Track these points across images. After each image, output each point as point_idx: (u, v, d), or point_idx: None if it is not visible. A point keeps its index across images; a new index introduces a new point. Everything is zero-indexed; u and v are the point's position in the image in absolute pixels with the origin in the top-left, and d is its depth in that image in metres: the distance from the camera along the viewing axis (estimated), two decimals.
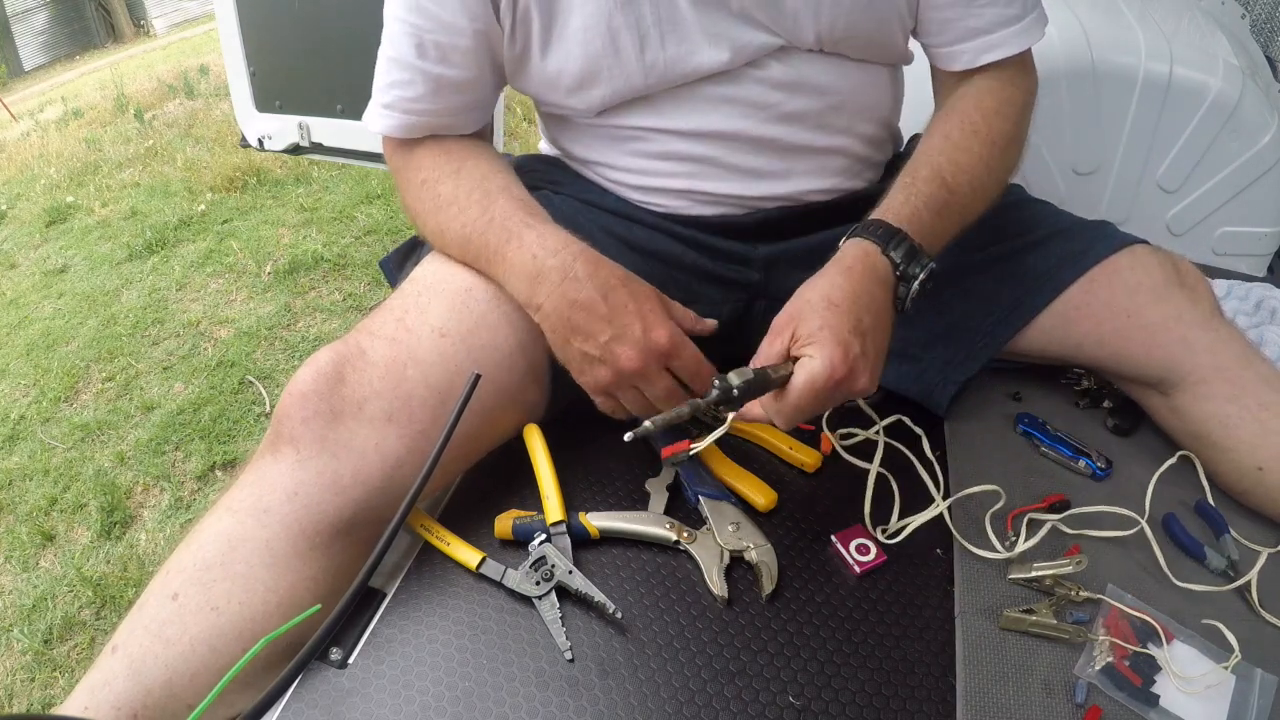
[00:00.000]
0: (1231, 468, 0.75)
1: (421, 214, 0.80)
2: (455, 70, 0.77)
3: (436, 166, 0.80)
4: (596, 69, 0.76)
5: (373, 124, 0.82)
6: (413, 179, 0.81)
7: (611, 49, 0.74)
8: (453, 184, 0.77)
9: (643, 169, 0.84)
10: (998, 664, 0.61)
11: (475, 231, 0.73)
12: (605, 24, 0.73)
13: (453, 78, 0.77)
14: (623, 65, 0.75)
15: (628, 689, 0.61)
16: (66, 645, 1.65)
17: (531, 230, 0.71)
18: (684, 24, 0.74)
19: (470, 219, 0.74)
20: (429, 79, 0.77)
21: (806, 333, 0.62)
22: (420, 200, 0.79)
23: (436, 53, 0.76)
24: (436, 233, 0.78)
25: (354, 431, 0.66)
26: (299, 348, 2.51)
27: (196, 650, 0.60)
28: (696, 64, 0.75)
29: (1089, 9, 1.36)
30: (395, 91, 0.78)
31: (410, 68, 0.77)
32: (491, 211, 0.73)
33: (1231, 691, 0.61)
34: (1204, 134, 1.27)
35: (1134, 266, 0.80)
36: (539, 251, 0.69)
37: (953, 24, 0.79)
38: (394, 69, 0.78)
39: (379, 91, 0.80)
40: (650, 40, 0.74)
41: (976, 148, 0.76)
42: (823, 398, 0.62)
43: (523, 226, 0.71)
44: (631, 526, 0.71)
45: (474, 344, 0.72)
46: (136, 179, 4.20)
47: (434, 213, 0.77)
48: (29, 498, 2.08)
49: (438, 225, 0.77)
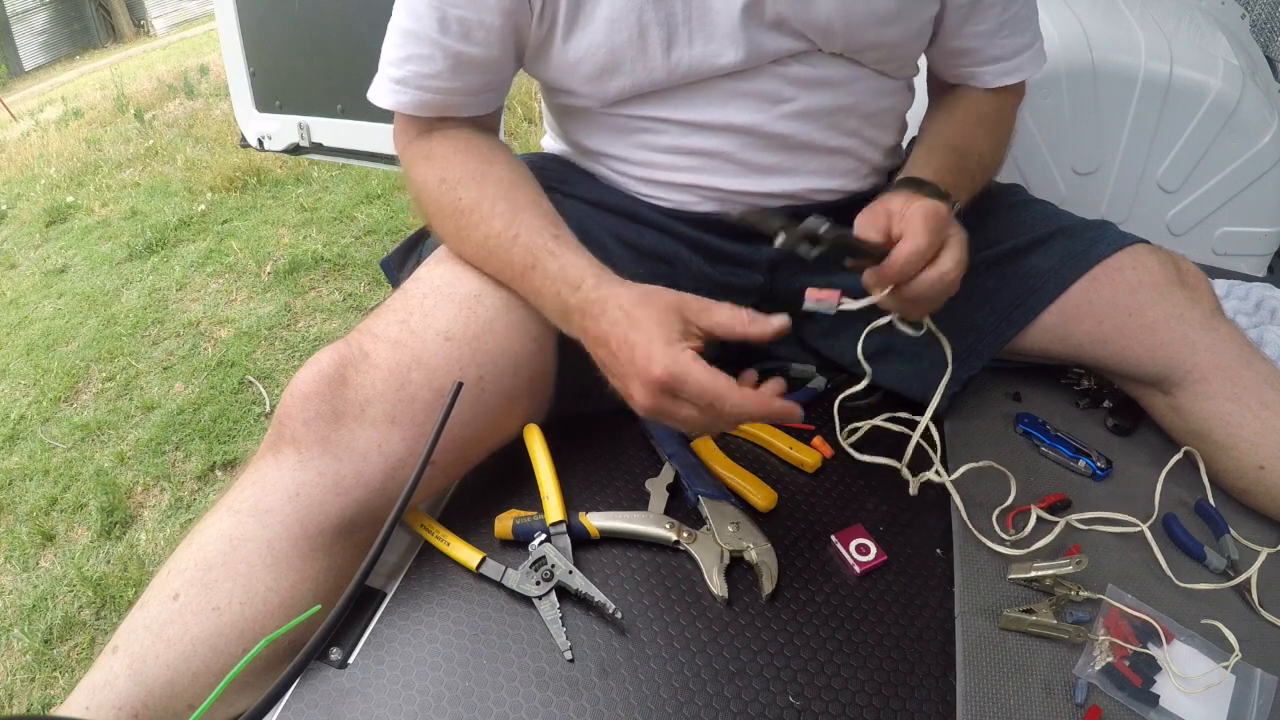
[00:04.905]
0: (1232, 466, 0.75)
1: (438, 215, 0.77)
2: (478, 49, 0.74)
3: (458, 166, 0.77)
4: (619, 61, 0.75)
5: (382, 99, 0.78)
6: (428, 175, 0.78)
7: (638, 43, 0.74)
8: (476, 190, 0.75)
9: (649, 161, 0.83)
10: (998, 664, 0.61)
11: (499, 246, 0.71)
12: (635, 17, 0.72)
13: (475, 56, 0.75)
14: (647, 60, 0.75)
15: (628, 689, 0.61)
16: (66, 645, 1.65)
17: (555, 260, 0.69)
18: (715, 25, 0.74)
19: (494, 231, 0.72)
20: (449, 55, 0.74)
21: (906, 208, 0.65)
22: (438, 201, 0.77)
23: (460, 29, 0.73)
24: (454, 236, 0.77)
25: (356, 433, 0.66)
26: (299, 348, 2.51)
27: (198, 650, 0.60)
28: (722, 64, 0.75)
29: (1089, 9, 1.36)
30: (411, 66, 0.75)
31: (431, 42, 0.74)
32: (517, 228, 0.71)
33: (1231, 691, 0.61)
34: (1204, 134, 1.27)
35: (1135, 266, 0.81)
36: (562, 287, 0.67)
37: (976, 52, 0.85)
38: (411, 42, 0.74)
39: (391, 65, 0.77)
40: (679, 38, 0.74)
41: (981, 134, 0.84)
42: (961, 266, 0.65)
43: (546, 254, 0.69)
44: (631, 526, 0.71)
45: (479, 349, 0.72)
46: (136, 179, 4.20)
47: (453, 216, 0.75)
48: (29, 498, 2.08)
49: (456, 230, 0.75)
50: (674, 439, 0.78)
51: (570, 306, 0.67)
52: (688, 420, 0.61)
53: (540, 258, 0.69)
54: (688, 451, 0.78)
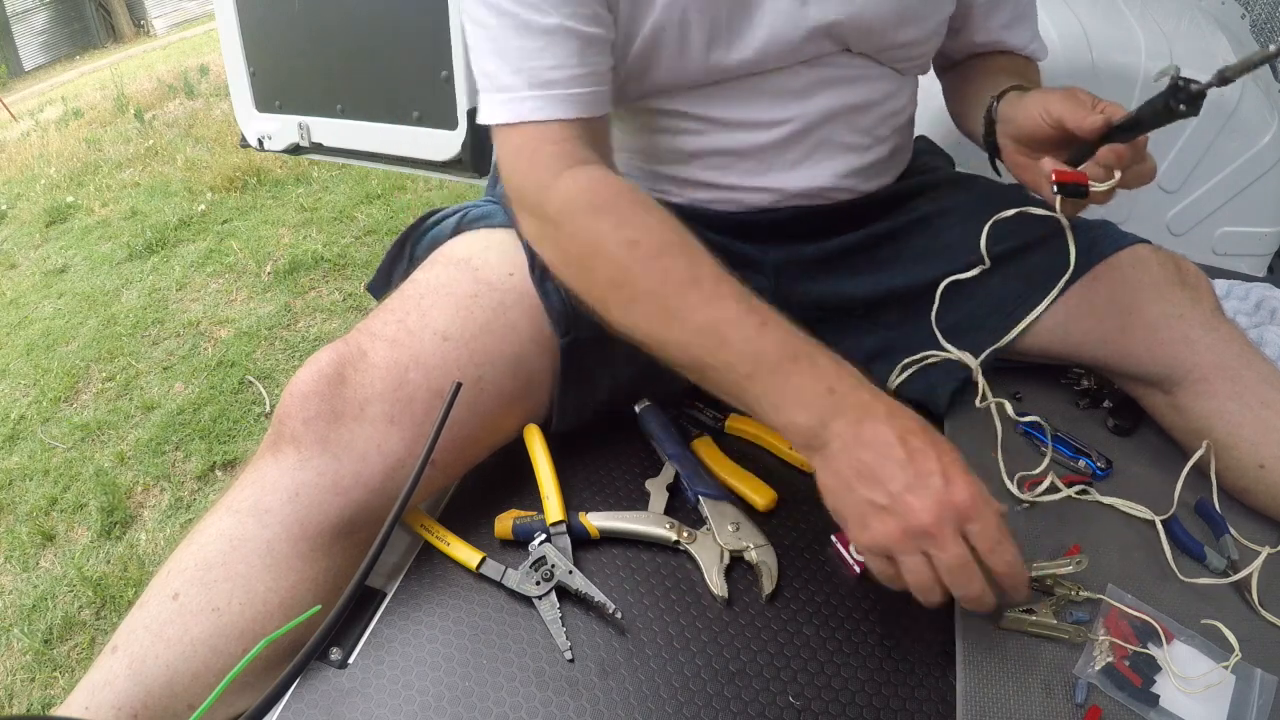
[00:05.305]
0: (1233, 464, 0.75)
1: (625, 286, 0.65)
2: (599, 29, 0.70)
3: (653, 230, 0.65)
4: (658, 56, 0.74)
5: (500, 113, 0.69)
6: (610, 235, 0.65)
7: (679, 41, 0.73)
8: (687, 261, 0.64)
9: (667, 157, 0.83)
10: (998, 664, 0.61)
11: (741, 337, 0.60)
12: (680, 14, 0.72)
13: (598, 35, 0.70)
14: (684, 59, 0.74)
15: (628, 689, 0.61)
16: (66, 645, 1.65)
17: (824, 355, 0.60)
18: (757, 26, 0.73)
19: (729, 315, 0.61)
20: (575, 36, 0.68)
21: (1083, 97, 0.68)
22: (627, 269, 0.64)
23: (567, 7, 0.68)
24: (656, 317, 0.64)
25: (355, 433, 0.66)
26: (299, 348, 2.51)
27: (198, 651, 0.60)
28: (753, 62, 0.75)
29: (1089, 9, 1.36)
30: (532, 62, 0.68)
31: (551, 32, 0.67)
32: (763, 314, 0.61)
33: (1231, 691, 0.61)
34: (1204, 134, 1.27)
35: (1136, 265, 0.81)
36: (836, 384, 0.59)
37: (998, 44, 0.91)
38: (528, 37, 0.67)
39: (508, 74, 0.69)
40: (719, 40, 0.74)
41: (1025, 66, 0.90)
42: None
43: (812, 348, 0.61)
44: (631, 526, 0.71)
45: (477, 349, 0.72)
46: (136, 179, 4.20)
47: (659, 286, 0.63)
48: (29, 498, 2.08)
49: (663, 310, 0.63)
50: (674, 439, 0.78)
51: (846, 404, 0.58)
52: (949, 563, 0.54)
53: (805, 350, 0.60)
54: (687, 452, 0.78)
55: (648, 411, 0.81)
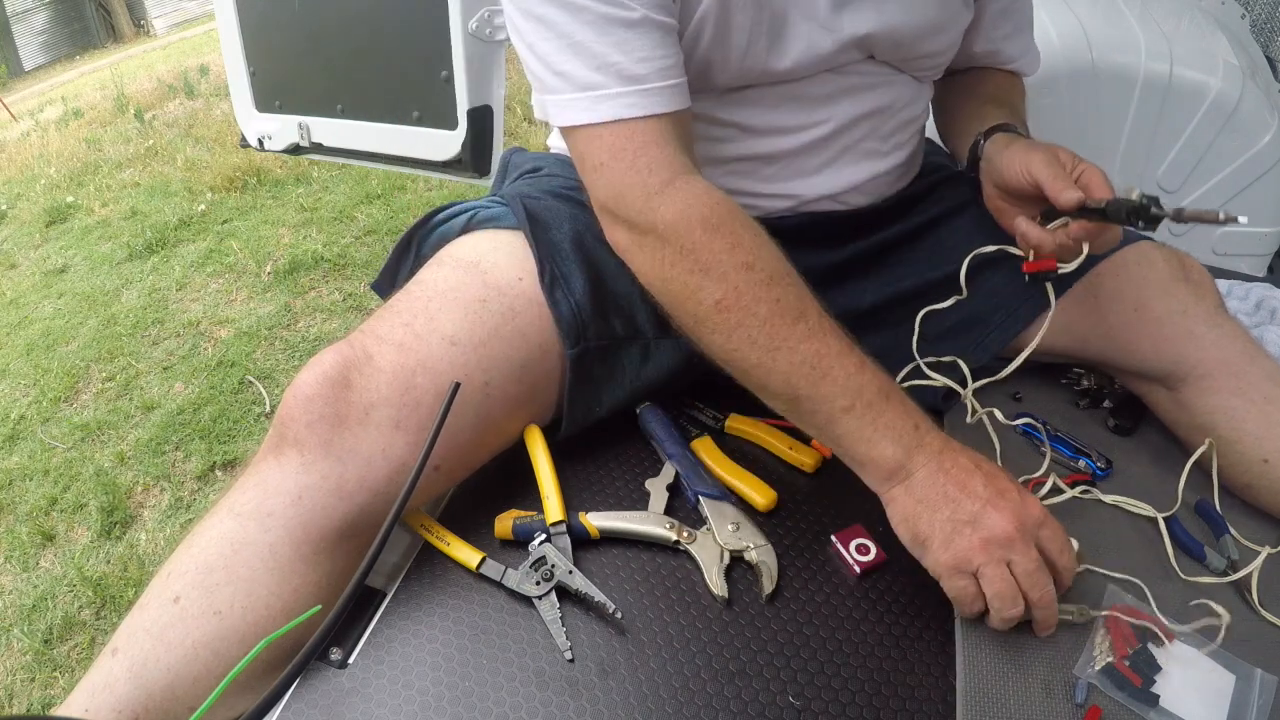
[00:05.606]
0: (1237, 460, 0.75)
1: (732, 309, 0.64)
2: (672, 18, 0.69)
3: (766, 257, 0.66)
4: (695, 54, 0.74)
5: (587, 114, 0.67)
6: (727, 257, 0.65)
7: (720, 43, 0.73)
8: (797, 293, 0.65)
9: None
10: (998, 664, 0.61)
11: (844, 373, 0.63)
12: (717, 16, 0.71)
13: (673, 25, 0.69)
14: (721, 62, 0.74)
15: (628, 689, 0.61)
16: (66, 645, 1.65)
17: (906, 395, 0.65)
18: (794, 40, 0.74)
19: (832, 350, 0.63)
20: (657, 27, 0.67)
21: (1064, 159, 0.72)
22: (737, 292, 0.64)
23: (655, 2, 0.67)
24: (761, 344, 0.64)
25: (360, 437, 0.66)
26: (299, 348, 2.51)
27: (199, 654, 0.60)
28: (783, 70, 0.75)
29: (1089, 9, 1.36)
30: (617, 57, 0.65)
31: (634, 25, 0.66)
32: (859, 353, 0.64)
33: (1231, 691, 0.61)
34: (1204, 134, 1.27)
35: (1140, 262, 0.81)
36: (920, 422, 0.64)
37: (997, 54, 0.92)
38: (609, 31, 0.65)
39: (590, 71, 0.66)
40: (757, 46, 0.74)
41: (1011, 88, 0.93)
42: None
43: (898, 388, 0.65)
44: (631, 526, 0.71)
45: (484, 354, 0.71)
46: (136, 179, 4.20)
47: (770, 314, 0.64)
48: (29, 498, 2.08)
49: (769, 338, 0.64)
50: (674, 439, 0.78)
51: (930, 440, 0.63)
52: (1026, 569, 0.59)
53: (895, 392, 0.64)
54: (687, 451, 0.78)
55: (648, 411, 0.81)
